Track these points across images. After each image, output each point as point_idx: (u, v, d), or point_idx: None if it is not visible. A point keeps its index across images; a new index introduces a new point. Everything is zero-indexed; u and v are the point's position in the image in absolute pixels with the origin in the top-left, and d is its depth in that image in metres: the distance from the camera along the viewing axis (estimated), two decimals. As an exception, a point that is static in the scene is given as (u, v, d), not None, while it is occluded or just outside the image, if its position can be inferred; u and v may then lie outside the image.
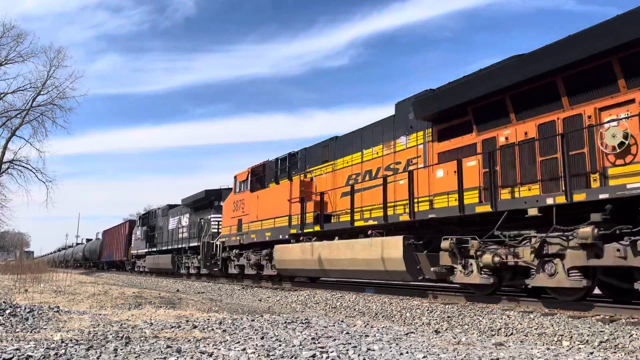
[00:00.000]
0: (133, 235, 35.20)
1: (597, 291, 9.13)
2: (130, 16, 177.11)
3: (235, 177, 19.48)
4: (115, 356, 4.40)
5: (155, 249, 29.77)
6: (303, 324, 7.10)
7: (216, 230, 21.13)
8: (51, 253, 76.60)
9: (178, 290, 16.19)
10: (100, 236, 49.87)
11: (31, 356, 4.22)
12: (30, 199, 60.35)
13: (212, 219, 21.99)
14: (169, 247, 26.98)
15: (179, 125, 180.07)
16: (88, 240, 57.53)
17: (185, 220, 26.11)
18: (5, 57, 32.97)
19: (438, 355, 4.82)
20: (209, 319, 7.18)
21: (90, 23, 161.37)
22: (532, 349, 5.45)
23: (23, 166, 34.12)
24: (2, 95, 33.57)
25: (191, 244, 23.82)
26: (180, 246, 25.34)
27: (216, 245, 20.14)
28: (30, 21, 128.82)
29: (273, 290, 14.65)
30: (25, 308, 7.41)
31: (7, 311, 7.00)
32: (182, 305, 9.79)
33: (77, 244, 63.42)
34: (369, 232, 11.84)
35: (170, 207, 29.75)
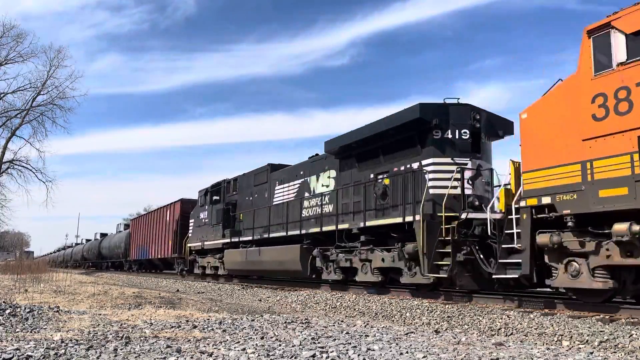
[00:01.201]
0: (191, 221, 23.31)
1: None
2: (130, 15, 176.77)
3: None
4: (115, 356, 4.41)
5: (245, 239, 17.80)
6: (303, 324, 7.10)
7: (445, 192, 9.99)
8: (53, 252, 75.87)
9: (178, 290, 16.21)
10: (121, 228, 40.71)
11: (31, 356, 4.22)
12: (30, 199, 60.00)
13: (430, 168, 10.91)
14: (288, 234, 15.26)
15: (179, 125, 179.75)
16: (103, 235, 47.36)
17: (325, 182, 14.44)
18: (5, 57, 33.00)
19: (438, 355, 4.82)
20: (209, 319, 7.19)
21: (90, 22, 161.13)
22: (532, 348, 5.45)
23: (23, 166, 34.09)
24: (2, 95, 33.60)
25: (368, 223, 11.96)
26: (313, 230, 14.08)
27: (511, 219, 8.73)
28: (30, 20, 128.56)
29: (273, 290, 14.66)
30: (25, 308, 7.42)
31: (7, 311, 7.01)
32: (182, 305, 9.81)
33: (87, 240, 55.33)
34: None
35: (274, 167, 17.59)
